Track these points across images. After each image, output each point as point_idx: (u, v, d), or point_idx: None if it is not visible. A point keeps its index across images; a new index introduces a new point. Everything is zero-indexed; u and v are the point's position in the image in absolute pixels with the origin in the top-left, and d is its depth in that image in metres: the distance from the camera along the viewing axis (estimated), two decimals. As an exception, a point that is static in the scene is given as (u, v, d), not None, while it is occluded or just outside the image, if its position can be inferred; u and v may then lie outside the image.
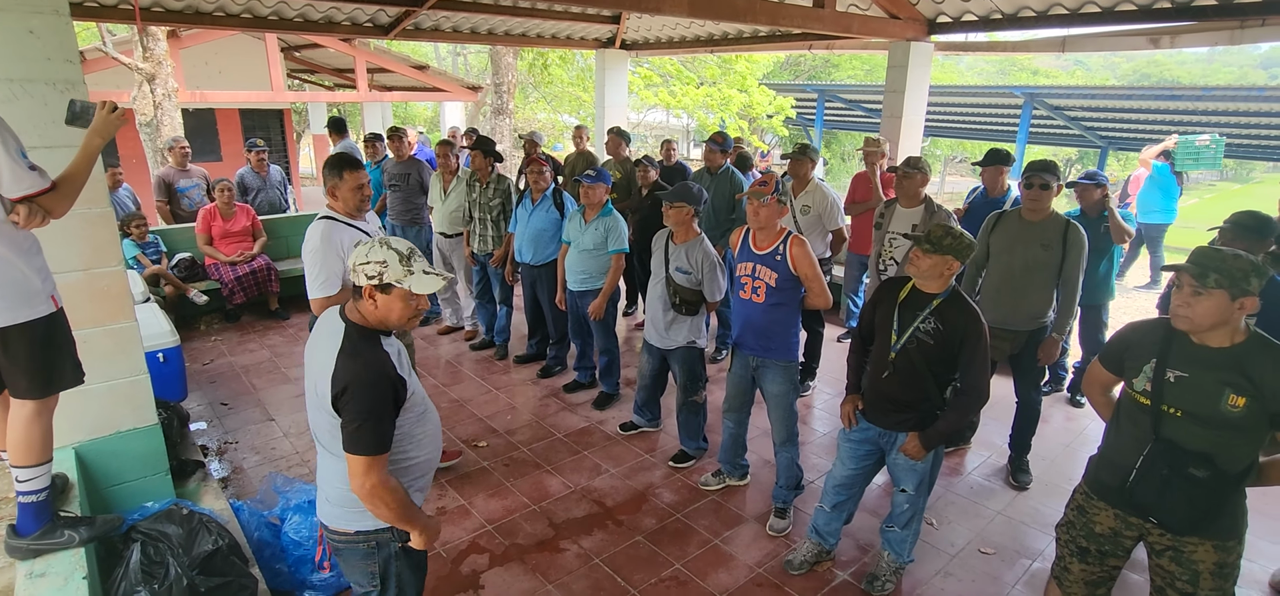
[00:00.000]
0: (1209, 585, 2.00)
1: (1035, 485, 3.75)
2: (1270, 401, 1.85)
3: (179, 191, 6.30)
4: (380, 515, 1.78)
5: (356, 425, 1.67)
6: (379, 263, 1.70)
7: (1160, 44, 5.43)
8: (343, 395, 1.67)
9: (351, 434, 1.68)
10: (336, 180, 2.82)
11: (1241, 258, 1.85)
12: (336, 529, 1.88)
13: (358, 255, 1.73)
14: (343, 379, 1.67)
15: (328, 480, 1.87)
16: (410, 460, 1.88)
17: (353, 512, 1.84)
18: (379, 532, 1.87)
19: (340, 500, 1.84)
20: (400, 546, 1.91)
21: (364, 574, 1.92)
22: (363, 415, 1.67)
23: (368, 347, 1.73)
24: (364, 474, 1.69)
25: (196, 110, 10.11)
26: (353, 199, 2.84)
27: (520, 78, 16.38)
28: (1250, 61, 58.42)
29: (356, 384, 1.67)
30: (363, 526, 1.86)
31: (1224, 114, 12.92)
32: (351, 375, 1.67)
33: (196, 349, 5.51)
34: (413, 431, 1.87)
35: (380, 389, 1.69)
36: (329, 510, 1.88)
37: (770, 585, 2.96)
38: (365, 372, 1.68)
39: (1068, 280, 3.39)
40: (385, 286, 1.70)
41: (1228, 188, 36.78)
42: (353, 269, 1.73)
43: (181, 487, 3.09)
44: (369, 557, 1.90)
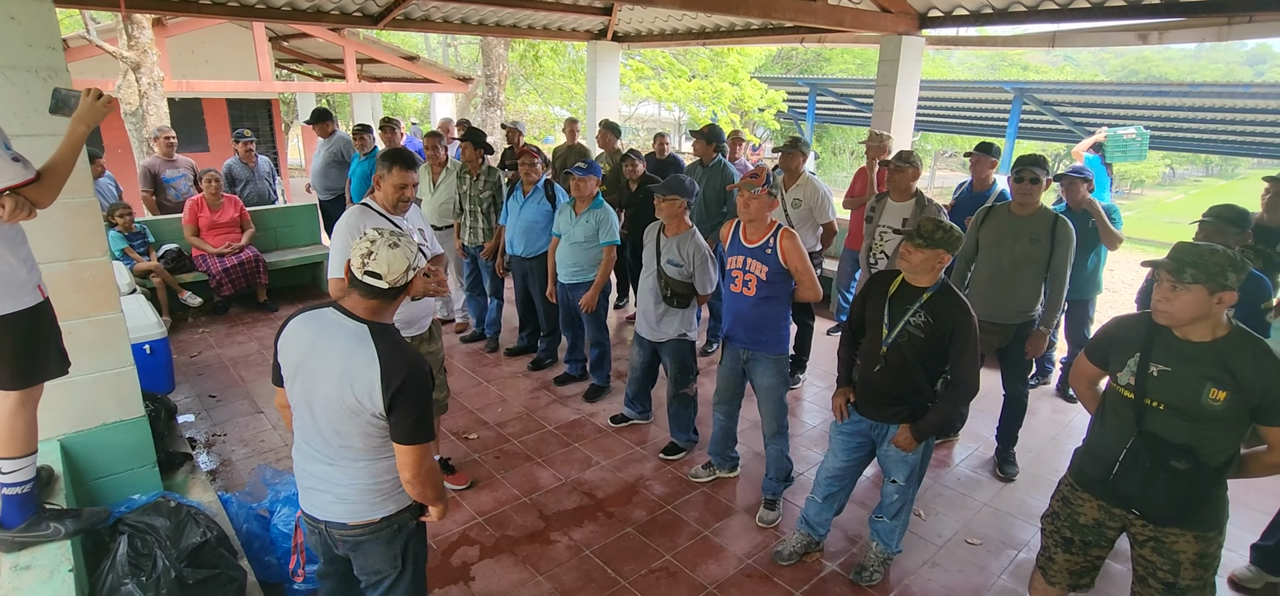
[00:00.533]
0: (1190, 575, 2.03)
1: (1021, 477, 3.79)
2: (1250, 395, 1.87)
3: (165, 182, 6.23)
4: (425, 496, 1.85)
5: (417, 417, 1.72)
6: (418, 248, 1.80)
7: (1149, 40, 5.47)
8: (401, 391, 1.69)
9: (412, 425, 1.72)
10: (384, 171, 2.83)
11: (1218, 252, 1.87)
12: (358, 522, 1.85)
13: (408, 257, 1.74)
14: (398, 375, 1.69)
15: (339, 482, 1.83)
16: None
17: (376, 502, 1.84)
18: (401, 514, 1.90)
19: (361, 494, 1.83)
20: (415, 524, 1.96)
21: (385, 560, 1.93)
22: (420, 407, 1.72)
23: (404, 343, 1.78)
24: (421, 460, 1.76)
25: (183, 100, 10.00)
26: (392, 195, 2.85)
27: (511, 69, 16.30)
28: (1237, 58, 58.98)
29: (411, 378, 1.70)
30: (387, 511, 1.87)
31: (1210, 110, 13.03)
32: (405, 372, 1.70)
33: (184, 341, 5.46)
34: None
35: (428, 379, 1.76)
36: (345, 508, 1.84)
37: (759, 576, 2.98)
38: (415, 367, 1.72)
39: (1056, 274, 3.42)
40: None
41: (1213, 183, 37.20)
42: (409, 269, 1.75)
43: (169, 480, 3.07)
44: (392, 542, 1.92)
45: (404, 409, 1.69)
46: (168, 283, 5.68)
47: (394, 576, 1.96)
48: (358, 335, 1.72)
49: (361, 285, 1.72)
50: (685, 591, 2.88)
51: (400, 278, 1.73)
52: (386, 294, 1.74)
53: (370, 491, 1.83)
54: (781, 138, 16.91)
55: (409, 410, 1.69)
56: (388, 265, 1.71)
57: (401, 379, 1.68)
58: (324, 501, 1.86)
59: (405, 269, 1.73)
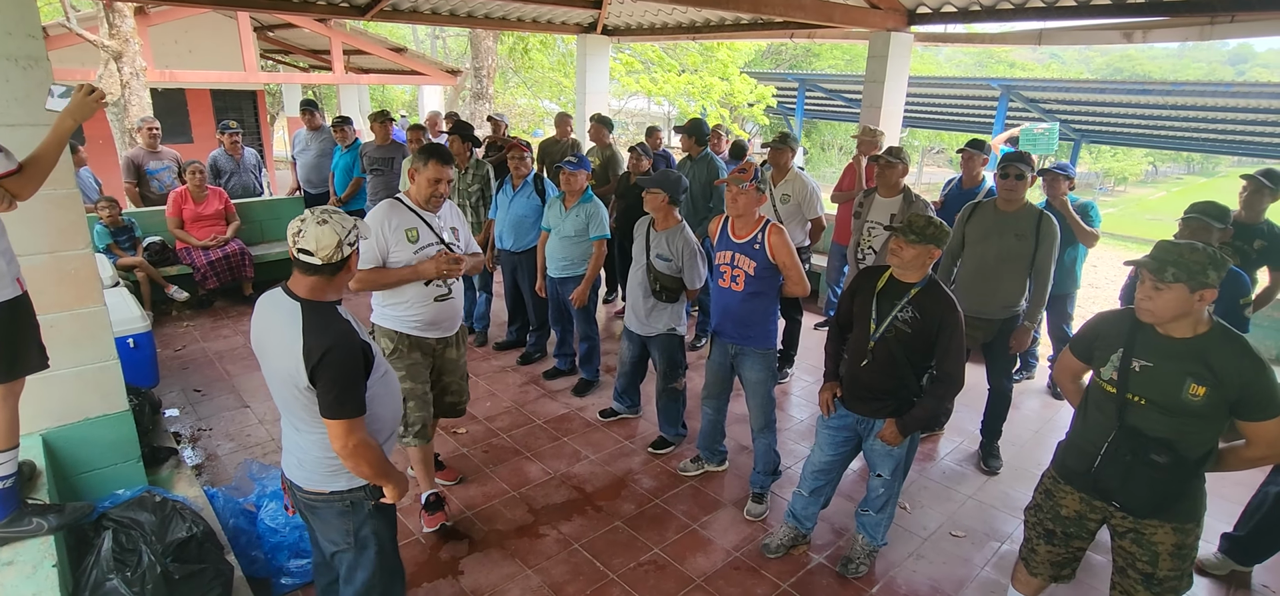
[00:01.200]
0: (1168, 566, 2.07)
1: (1005, 470, 3.83)
2: (1229, 390, 1.91)
3: (148, 173, 6.14)
4: (361, 472, 1.87)
5: (337, 391, 1.75)
6: (353, 227, 1.82)
7: (1133, 38, 5.52)
8: (320, 365, 1.73)
9: (332, 401, 1.75)
10: (419, 166, 2.80)
11: (1198, 250, 1.90)
12: (311, 489, 1.95)
13: (337, 231, 1.77)
14: (318, 351, 1.73)
15: (299, 446, 1.94)
16: (377, 420, 1.95)
17: (327, 474, 1.93)
18: (353, 492, 1.96)
19: (315, 464, 1.92)
20: (373, 504, 1.99)
21: (339, 532, 2.00)
22: (342, 380, 1.75)
23: (333, 318, 1.80)
24: (346, 436, 1.78)
25: (166, 90, 9.85)
26: (426, 190, 2.81)
27: (500, 62, 16.20)
28: (1219, 57, 59.73)
29: (331, 352, 1.74)
30: (337, 486, 1.94)
31: (1193, 109, 13.20)
32: (326, 344, 1.74)
33: (168, 335, 5.40)
34: (378, 392, 1.94)
35: (352, 353, 1.78)
36: (302, 473, 1.96)
37: (747, 568, 3.00)
38: (338, 340, 1.75)
39: (1040, 270, 3.46)
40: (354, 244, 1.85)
41: (1194, 181, 37.70)
42: (340, 245, 1.78)
43: (154, 475, 3.04)
44: (344, 516, 1.98)
45: (324, 383, 1.74)
46: (152, 276, 5.61)
47: (350, 550, 2.01)
48: (292, 312, 1.79)
49: (298, 263, 1.79)
50: (673, 584, 2.89)
51: (333, 253, 1.77)
52: (324, 270, 1.79)
53: (322, 462, 1.91)
54: (771, 133, 16.94)
55: (329, 384, 1.74)
56: (316, 241, 1.75)
57: (321, 353, 1.72)
58: (290, 462, 1.99)
59: (335, 244, 1.77)
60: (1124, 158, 31.06)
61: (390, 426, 2.04)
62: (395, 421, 2.08)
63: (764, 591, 2.87)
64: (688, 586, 2.89)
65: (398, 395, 2.09)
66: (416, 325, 2.89)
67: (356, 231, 1.83)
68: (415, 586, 2.84)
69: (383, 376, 1.97)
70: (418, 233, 2.80)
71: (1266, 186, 3.56)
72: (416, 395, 2.95)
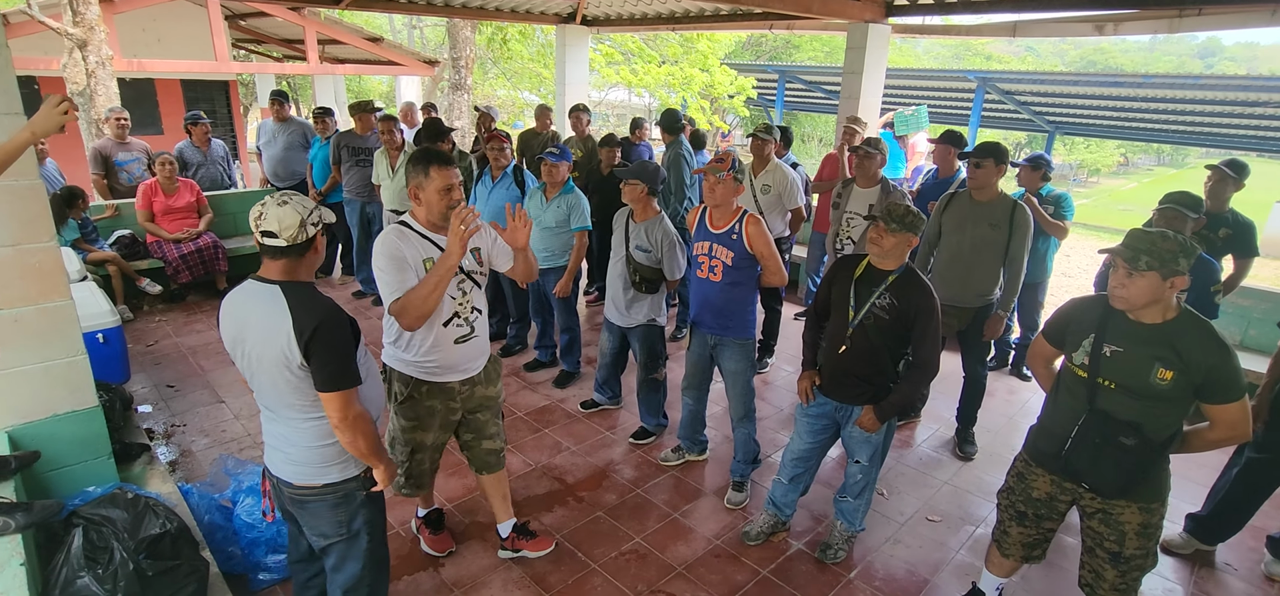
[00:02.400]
0: (1134, 544, 2.13)
1: (980, 455, 3.91)
2: (1195, 374, 1.96)
3: (117, 165, 6.00)
4: (357, 448, 1.86)
5: (335, 364, 1.75)
6: (315, 207, 1.80)
7: (1104, 30, 5.63)
8: (314, 339, 1.72)
9: (331, 373, 1.75)
10: (420, 177, 2.32)
11: (1170, 238, 1.95)
12: (302, 485, 1.93)
13: (299, 212, 1.76)
14: (310, 324, 1.72)
15: (288, 441, 1.91)
16: (364, 400, 1.94)
17: (319, 467, 1.91)
18: (346, 482, 1.95)
19: (306, 458, 1.90)
20: (365, 494, 1.99)
21: (331, 524, 1.99)
22: (339, 352, 1.76)
23: (315, 294, 1.80)
24: (345, 406, 1.78)
25: (134, 80, 9.60)
26: (437, 205, 2.33)
27: (479, 53, 16.04)
28: (1188, 51, 61.00)
29: (324, 324, 1.74)
30: (330, 478, 1.93)
31: (1163, 101, 13.46)
32: (317, 319, 1.73)
33: (141, 330, 5.30)
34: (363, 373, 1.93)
35: (343, 325, 1.79)
36: (292, 469, 1.93)
37: (728, 556, 3.03)
38: (328, 314, 1.76)
39: (1013, 259, 3.51)
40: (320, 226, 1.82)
41: (1165, 172, 38.49)
42: (302, 225, 1.76)
43: (126, 471, 2.99)
44: (337, 508, 1.97)
45: (321, 357, 1.74)
46: (124, 270, 5.49)
47: (342, 542, 2.01)
48: (272, 295, 1.77)
49: (264, 247, 1.78)
50: (655, 573, 2.91)
51: (297, 232, 1.76)
52: (290, 252, 1.78)
53: (314, 453, 1.89)
54: (752, 124, 16.98)
55: (326, 358, 1.74)
56: (279, 223, 1.74)
57: (313, 326, 1.72)
58: (277, 459, 1.95)
59: (298, 223, 1.75)
60: (1097, 149, 31.63)
61: (375, 407, 2.02)
62: (378, 406, 2.05)
63: (744, 578, 2.90)
64: (669, 575, 2.90)
65: (378, 384, 2.09)
66: (433, 369, 2.50)
67: (320, 212, 1.81)
68: (396, 579, 2.82)
69: (365, 358, 1.95)
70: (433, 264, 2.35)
71: (1230, 176, 3.65)
72: (425, 447, 2.60)
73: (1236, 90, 12.27)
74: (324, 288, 6.55)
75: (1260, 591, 2.98)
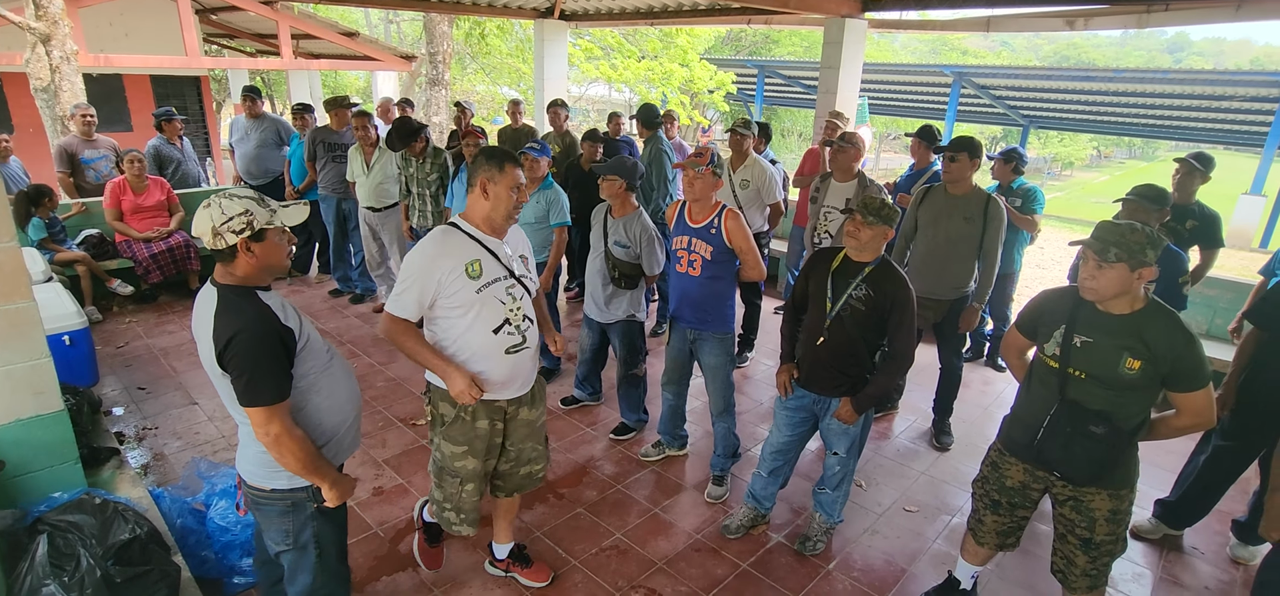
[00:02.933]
0: (1104, 530, 2.17)
1: (956, 446, 3.96)
2: (1162, 364, 2.00)
3: (83, 163, 5.85)
4: (287, 465, 1.80)
5: (247, 378, 1.68)
6: (242, 213, 1.70)
7: (1075, 25, 5.72)
8: (227, 351, 1.67)
9: (244, 386, 1.69)
10: (494, 172, 2.19)
11: (1139, 230, 1.98)
12: (253, 484, 1.91)
13: (213, 218, 1.69)
14: (224, 335, 1.67)
15: (242, 439, 1.92)
16: (315, 413, 1.88)
17: (268, 470, 1.87)
18: (294, 491, 1.90)
19: (254, 459, 1.87)
20: (316, 507, 1.93)
21: (279, 531, 1.95)
22: (250, 366, 1.68)
23: (245, 302, 1.73)
24: (265, 423, 1.72)
25: (101, 76, 9.37)
26: (505, 203, 2.21)
27: (457, 48, 15.89)
28: (1158, 45, 62.26)
29: (238, 337, 1.67)
30: (278, 484, 1.89)
31: (1133, 95, 13.72)
32: (233, 330, 1.67)
33: (110, 331, 5.18)
34: (316, 383, 1.87)
35: (262, 338, 1.70)
36: (246, 465, 1.92)
37: (708, 550, 3.04)
38: (246, 325, 1.69)
39: (987, 252, 3.56)
40: (259, 234, 1.72)
41: (1135, 165, 39.24)
42: (216, 233, 1.70)
43: (94, 476, 2.92)
44: (285, 516, 1.93)
45: (233, 369, 1.69)
46: (92, 270, 5.37)
47: (291, 552, 1.97)
48: (210, 297, 1.75)
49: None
50: (635, 568, 2.91)
51: (211, 239, 1.71)
52: (221, 255, 1.74)
53: (260, 457, 1.85)
54: (731, 118, 17.03)
55: (238, 370, 1.68)
56: (197, 226, 1.72)
57: (227, 339, 1.67)
58: (238, 456, 1.95)
59: (210, 231, 1.70)
60: (1070, 143, 32.22)
61: (335, 422, 1.94)
62: (343, 417, 1.96)
63: (724, 571, 2.91)
64: (649, 570, 2.91)
65: (351, 395, 2.00)
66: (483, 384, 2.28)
67: (247, 218, 1.70)
68: (374, 580, 2.80)
69: (324, 368, 1.89)
70: (480, 265, 2.20)
71: (1197, 169, 3.73)
72: (476, 476, 2.40)
73: (1203, 84, 12.56)
74: (300, 286, 6.46)
75: (1226, 573, 3.06)
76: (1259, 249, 12.84)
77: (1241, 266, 10.58)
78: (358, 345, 5.09)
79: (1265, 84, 11.81)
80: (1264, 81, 11.87)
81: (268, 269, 1.78)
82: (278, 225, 1.76)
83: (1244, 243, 12.62)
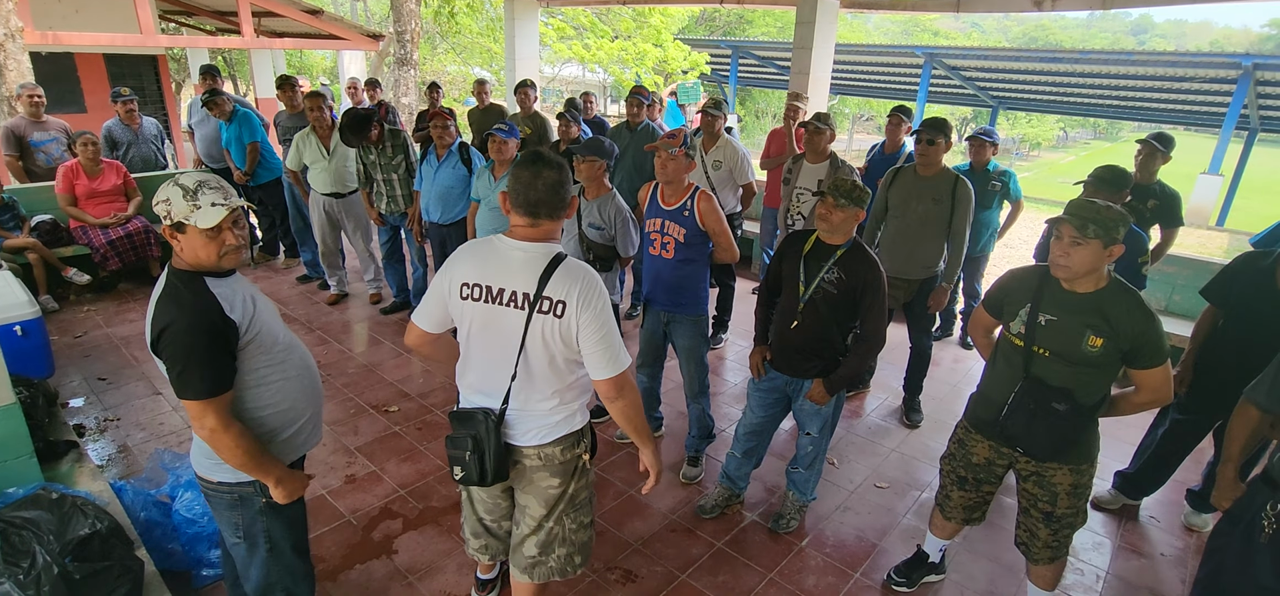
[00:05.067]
0: (1065, 504, 2.23)
1: (926, 423, 4.03)
2: (1123, 341, 2.04)
3: (32, 145, 5.61)
4: (227, 459, 1.74)
5: (179, 369, 1.62)
6: (164, 201, 1.64)
7: (1043, 6, 5.79)
8: (160, 340, 1.62)
9: (175, 378, 1.64)
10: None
11: (1113, 209, 2.01)
12: (202, 476, 1.87)
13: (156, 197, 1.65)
14: (159, 324, 1.62)
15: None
16: (264, 408, 1.81)
17: (213, 461, 1.81)
18: (241, 486, 1.84)
19: (201, 448, 1.83)
20: (265, 502, 1.87)
21: (227, 524, 1.92)
22: (182, 358, 1.61)
23: (187, 290, 1.65)
24: (199, 417, 1.66)
25: (50, 54, 9.00)
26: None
27: (425, 27, 15.56)
28: (1123, 28, 63.58)
29: (171, 327, 1.61)
30: (223, 477, 1.83)
31: (1098, 75, 13.97)
32: (167, 319, 1.61)
33: (67, 321, 5.02)
34: (268, 377, 1.79)
35: (197, 330, 1.62)
36: (195, 454, 1.89)
37: (683, 530, 3.06)
38: (180, 315, 1.61)
39: (956, 233, 3.60)
40: (178, 225, 1.64)
41: (1101, 145, 40.09)
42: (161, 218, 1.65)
43: (52, 470, 2.83)
44: (233, 509, 1.88)
45: (167, 360, 1.63)
46: (46, 258, 5.17)
47: (241, 545, 1.93)
48: (160, 283, 1.70)
49: None
50: (611, 550, 2.92)
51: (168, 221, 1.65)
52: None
53: (205, 448, 1.81)
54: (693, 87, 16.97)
55: (170, 361, 1.63)
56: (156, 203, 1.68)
57: (160, 328, 1.62)
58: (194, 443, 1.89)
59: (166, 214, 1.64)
60: (1037, 124, 32.78)
61: (285, 419, 1.86)
62: (295, 413, 1.88)
63: (700, 551, 2.94)
64: (625, 551, 2.92)
65: (308, 390, 1.92)
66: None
67: (167, 207, 1.63)
68: (348, 568, 2.77)
69: (278, 363, 1.81)
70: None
71: (1159, 149, 3.81)
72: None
73: (1165, 66, 12.83)
74: (268, 271, 6.31)
75: (1180, 540, 3.17)
76: (1216, 227, 13.26)
77: (1199, 244, 10.92)
78: (328, 332, 5.00)
79: (1223, 65, 12.11)
80: (1222, 63, 12.17)
81: (196, 263, 1.68)
82: (194, 224, 1.62)
83: (1202, 221, 13.01)
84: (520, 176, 1.80)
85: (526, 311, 1.78)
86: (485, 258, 1.84)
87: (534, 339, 1.80)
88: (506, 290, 1.80)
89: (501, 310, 1.81)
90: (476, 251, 1.87)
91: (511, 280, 1.80)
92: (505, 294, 1.81)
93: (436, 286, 1.91)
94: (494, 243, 1.85)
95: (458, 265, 1.87)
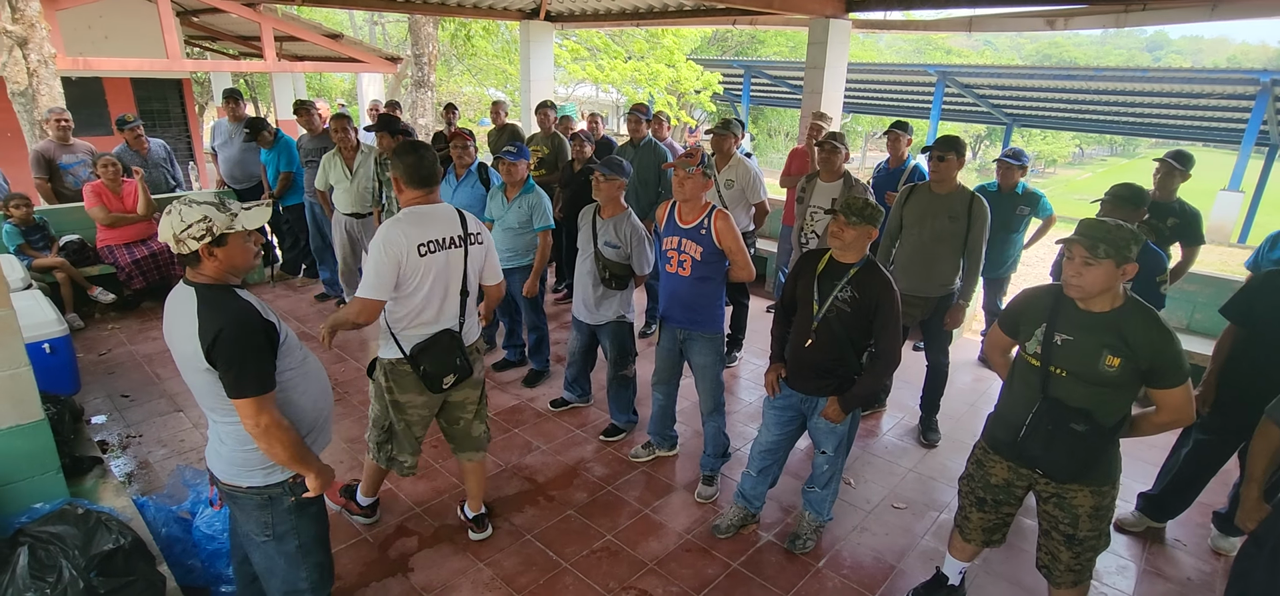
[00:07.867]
0: (1087, 526, 2.20)
1: (943, 442, 3.99)
2: (1141, 361, 2.02)
3: (62, 168, 5.75)
4: (275, 455, 1.84)
5: (237, 370, 1.73)
6: (201, 221, 1.72)
7: (1056, 25, 5.78)
8: (215, 345, 1.71)
9: (234, 379, 1.73)
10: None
11: (1124, 228, 2.01)
12: (228, 482, 1.94)
13: (174, 225, 1.73)
14: (211, 331, 1.71)
15: (217, 436, 1.95)
16: (296, 408, 1.93)
17: (244, 469, 1.91)
18: (270, 488, 1.94)
19: (231, 457, 1.91)
20: (293, 501, 1.98)
21: (255, 523, 1.99)
22: (239, 360, 1.73)
23: (225, 298, 1.77)
24: (256, 414, 1.77)
25: (80, 79, 9.25)
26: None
27: (443, 49, 15.81)
28: (1138, 44, 63.18)
29: (223, 332, 1.71)
30: (254, 482, 1.93)
31: (1113, 92, 13.88)
32: (218, 325, 1.71)
33: (92, 338, 5.11)
34: (294, 380, 1.92)
35: (249, 331, 1.75)
36: (220, 464, 1.95)
37: (698, 550, 3.05)
38: (231, 318, 1.73)
39: (972, 249, 3.59)
40: (220, 239, 1.75)
41: (1117, 162, 39.75)
42: (177, 240, 1.73)
43: (77, 486, 2.88)
44: (262, 510, 1.97)
45: (223, 363, 1.73)
46: (73, 278, 5.28)
47: (271, 544, 2.01)
48: (188, 297, 1.78)
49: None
50: (626, 569, 2.92)
51: (175, 246, 1.75)
52: (186, 260, 1.78)
53: (238, 455, 1.90)
54: (717, 119, 17.06)
55: (227, 363, 1.73)
56: (160, 233, 1.78)
57: (214, 333, 1.71)
58: (210, 451, 1.99)
59: (172, 237, 1.74)
60: (1053, 141, 32.59)
61: (314, 415, 2.01)
62: (319, 417, 2.03)
63: (715, 571, 2.92)
64: (640, 571, 2.91)
65: (324, 392, 2.07)
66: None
67: (206, 224, 1.73)
68: (364, 585, 2.78)
69: (300, 365, 1.95)
70: None
71: (1177, 167, 3.79)
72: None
73: (1182, 82, 12.73)
74: (286, 289, 6.40)
75: (1208, 565, 3.11)
76: (1237, 244, 13.06)
77: (1221, 262, 10.76)
78: (345, 349, 5.05)
79: (1241, 81, 12.00)
80: (1240, 79, 12.06)
81: (233, 271, 1.82)
82: (238, 229, 1.77)
83: (1223, 238, 12.82)
84: (407, 160, 2.48)
85: (463, 248, 2.55)
86: (424, 224, 2.47)
87: (474, 264, 2.62)
88: (447, 237, 2.52)
89: (450, 252, 2.52)
90: (413, 224, 2.45)
91: (447, 230, 2.53)
92: (448, 240, 2.52)
93: (387, 260, 2.39)
94: (419, 212, 2.49)
95: (403, 239, 2.40)
